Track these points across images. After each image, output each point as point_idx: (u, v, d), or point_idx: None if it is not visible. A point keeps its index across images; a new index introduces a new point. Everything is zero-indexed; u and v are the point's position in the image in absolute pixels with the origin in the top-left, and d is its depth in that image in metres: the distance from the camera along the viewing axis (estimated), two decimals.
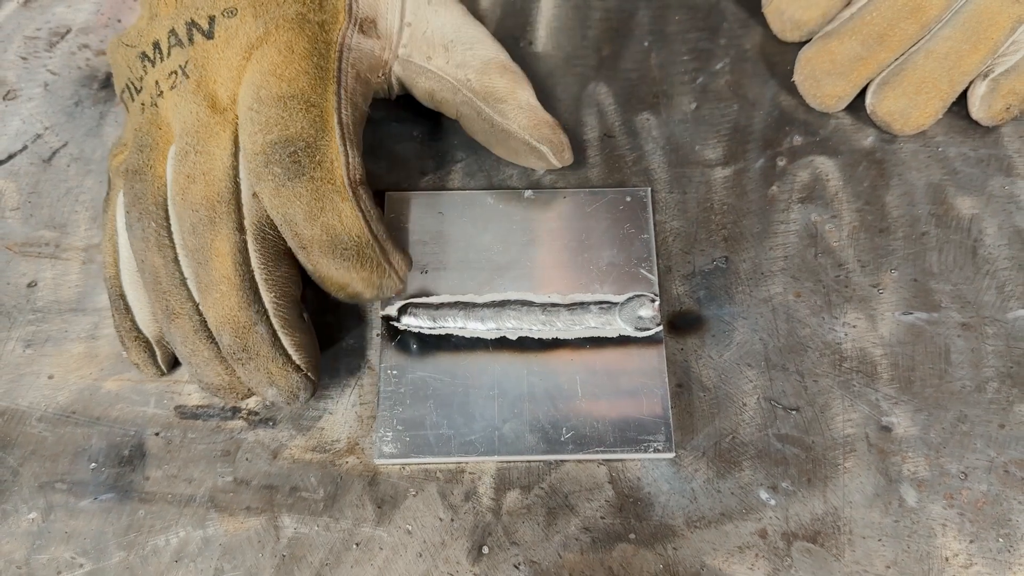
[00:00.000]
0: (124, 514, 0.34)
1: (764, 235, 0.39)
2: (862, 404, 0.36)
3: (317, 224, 0.33)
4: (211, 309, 0.33)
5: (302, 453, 0.35)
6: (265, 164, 0.33)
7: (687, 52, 0.44)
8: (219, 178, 0.34)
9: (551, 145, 0.38)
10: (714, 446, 0.35)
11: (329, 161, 0.34)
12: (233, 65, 0.35)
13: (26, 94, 0.44)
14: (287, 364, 0.33)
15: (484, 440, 0.35)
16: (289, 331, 0.33)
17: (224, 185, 0.33)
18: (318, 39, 0.35)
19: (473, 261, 0.38)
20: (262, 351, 0.33)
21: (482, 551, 0.33)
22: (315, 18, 0.36)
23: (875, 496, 0.34)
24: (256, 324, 0.33)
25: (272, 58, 0.34)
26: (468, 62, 0.38)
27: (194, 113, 0.34)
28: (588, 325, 0.36)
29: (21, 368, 0.37)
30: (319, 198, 0.33)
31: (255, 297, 0.33)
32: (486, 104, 0.38)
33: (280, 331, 0.33)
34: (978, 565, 0.33)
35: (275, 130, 0.33)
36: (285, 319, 0.33)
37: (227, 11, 0.35)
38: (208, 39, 0.35)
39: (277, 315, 0.33)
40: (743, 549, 0.33)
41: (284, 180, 0.33)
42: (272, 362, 0.33)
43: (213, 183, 0.33)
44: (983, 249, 0.38)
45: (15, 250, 0.40)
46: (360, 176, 0.35)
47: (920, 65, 0.39)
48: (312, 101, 0.34)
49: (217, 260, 0.33)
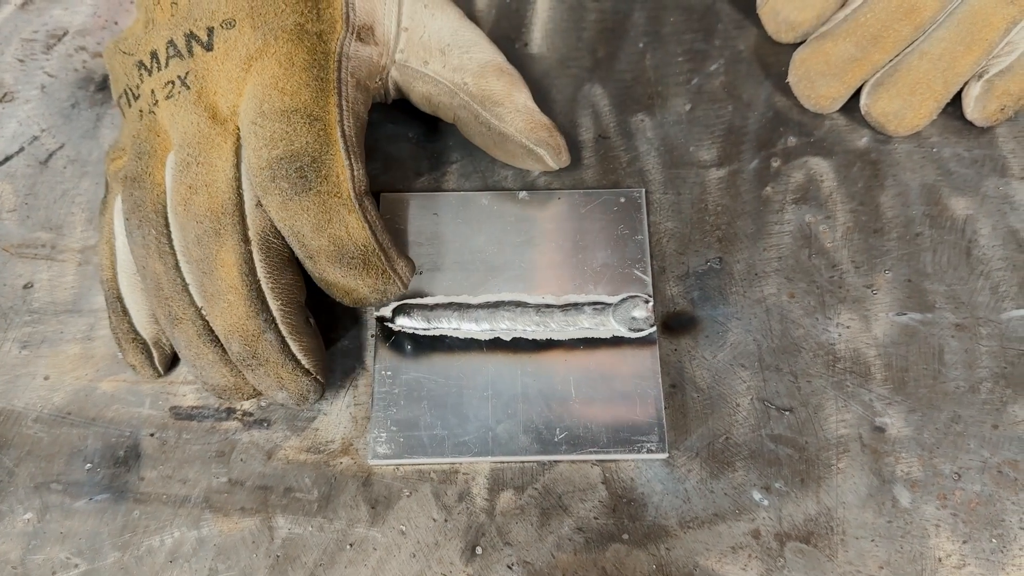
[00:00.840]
0: (119, 514, 0.34)
1: (758, 236, 0.39)
2: (856, 405, 0.36)
3: (324, 235, 0.33)
4: (219, 318, 0.33)
5: (296, 454, 0.35)
6: (272, 179, 0.33)
7: (682, 53, 0.44)
8: (222, 189, 0.34)
9: (548, 148, 0.38)
10: (707, 447, 0.35)
11: (335, 175, 0.34)
12: (233, 77, 0.35)
13: (23, 96, 0.44)
14: (297, 369, 0.34)
15: (478, 441, 0.35)
16: (297, 336, 0.34)
17: (228, 196, 0.34)
18: (317, 50, 0.35)
19: (467, 262, 0.38)
20: (272, 357, 0.33)
21: (476, 551, 0.33)
22: (313, 28, 0.36)
23: (868, 497, 0.34)
24: (265, 332, 0.33)
25: (273, 71, 0.35)
26: (465, 65, 0.38)
27: (195, 124, 0.34)
28: (582, 326, 0.36)
29: (17, 369, 0.37)
30: (326, 211, 0.33)
31: (263, 306, 0.33)
32: (483, 108, 0.38)
33: (288, 337, 0.34)
34: (971, 566, 0.33)
35: (280, 145, 0.34)
36: (292, 325, 0.34)
37: (225, 23, 0.35)
38: (207, 51, 0.35)
39: (285, 322, 0.34)
40: (736, 549, 0.33)
41: (291, 195, 0.33)
42: (282, 367, 0.33)
43: (216, 194, 0.34)
44: (977, 250, 0.39)
45: (11, 251, 0.40)
46: (364, 187, 0.35)
47: (914, 66, 0.39)
48: (315, 115, 0.34)
49: (223, 270, 0.33)
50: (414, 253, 0.38)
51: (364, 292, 0.34)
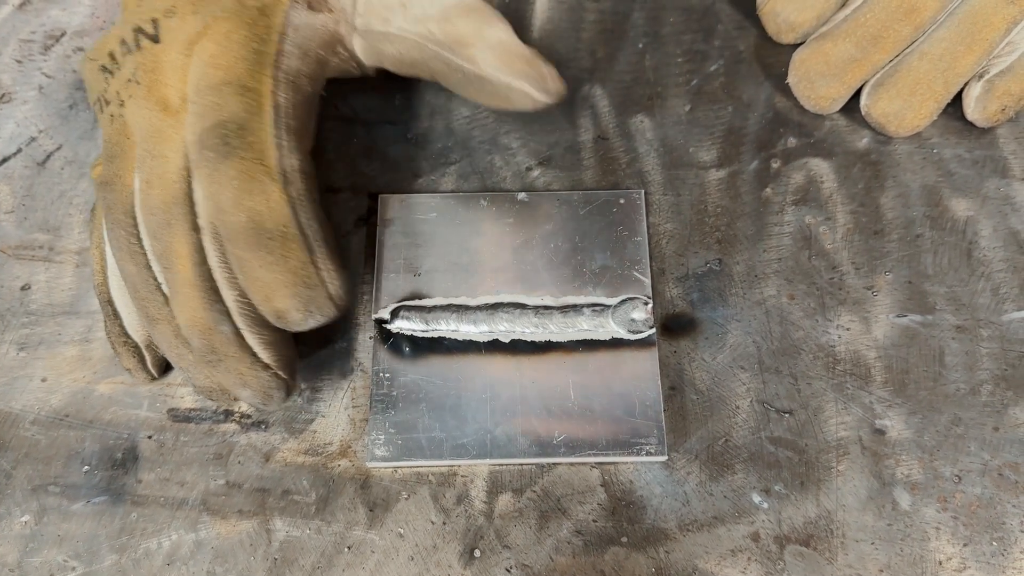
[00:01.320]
0: (117, 517, 0.34)
1: (758, 237, 0.39)
2: (856, 407, 0.35)
3: (243, 209, 0.32)
4: (180, 313, 0.32)
5: (294, 456, 0.35)
6: (200, 150, 0.33)
7: (681, 54, 0.44)
8: (173, 180, 0.33)
9: (530, 79, 0.36)
10: (707, 449, 0.35)
11: (260, 142, 0.33)
12: (178, 65, 0.34)
13: (20, 97, 0.44)
14: (255, 363, 0.32)
15: (476, 443, 0.35)
16: (256, 329, 0.33)
17: (178, 187, 0.33)
18: (257, 24, 0.35)
19: (466, 263, 0.38)
20: (229, 351, 0.32)
21: (474, 554, 0.33)
22: (254, 3, 0.35)
23: (868, 499, 0.34)
24: (220, 324, 0.32)
25: (211, 50, 0.34)
26: (427, 13, 0.36)
27: (147, 119, 0.34)
28: (581, 328, 0.36)
29: (14, 371, 0.37)
30: (248, 179, 0.32)
31: (215, 297, 0.32)
32: (453, 54, 0.36)
33: (246, 330, 0.32)
34: (972, 569, 0.33)
35: (210, 116, 0.33)
36: (250, 317, 0.32)
37: (167, 11, 0.35)
38: (155, 43, 0.35)
39: (241, 313, 0.32)
40: (736, 552, 0.33)
41: (216, 163, 0.32)
42: (240, 362, 0.32)
43: (168, 186, 0.33)
44: (978, 251, 0.38)
45: (9, 253, 0.40)
46: (298, 166, 0.34)
47: (915, 66, 0.39)
48: (248, 86, 0.34)
49: (179, 263, 0.32)
50: (413, 254, 0.38)
51: (283, 291, 0.32)
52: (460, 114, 0.42)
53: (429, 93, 0.43)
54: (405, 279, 0.38)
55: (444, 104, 0.43)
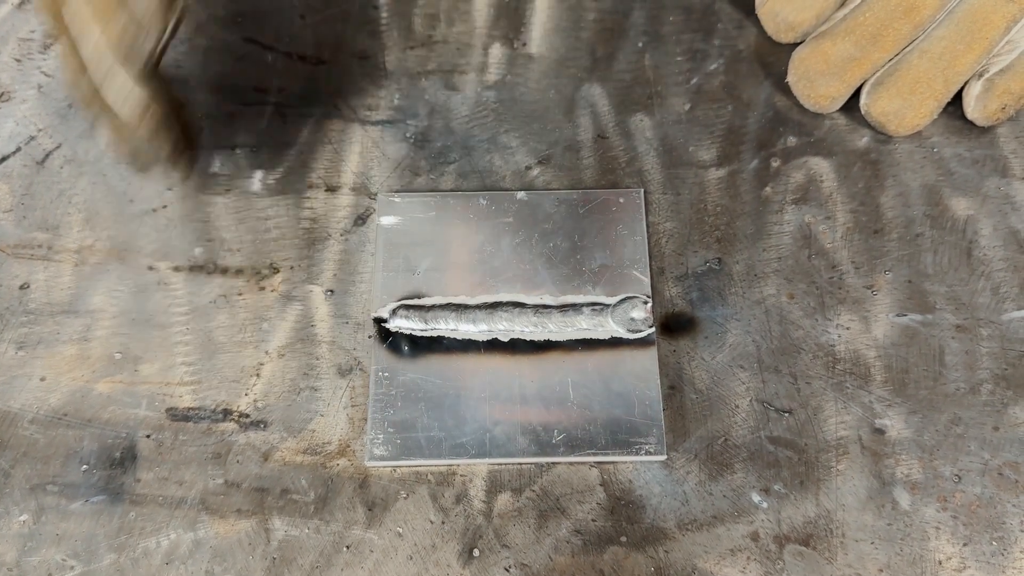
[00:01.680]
0: (115, 516, 0.34)
1: (758, 236, 0.39)
2: (855, 406, 0.35)
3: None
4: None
5: (293, 455, 0.35)
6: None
7: (681, 53, 0.44)
8: None
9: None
10: (706, 448, 0.35)
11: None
12: None
13: (20, 96, 0.44)
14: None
15: (475, 442, 0.34)
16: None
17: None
18: None
19: (465, 262, 0.38)
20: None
21: (473, 554, 0.33)
22: None
23: (868, 499, 0.34)
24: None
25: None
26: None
27: None
28: (580, 327, 0.36)
29: (13, 370, 0.37)
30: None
31: None
32: None
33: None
34: (971, 568, 0.32)
35: None
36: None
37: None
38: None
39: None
40: (735, 552, 0.33)
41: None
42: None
43: None
44: (978, 250, 0.38)
45: (8, 252, 0.40)
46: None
47: (914, 65, 0.39)
48: None
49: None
50: (413, 253, 0.38)
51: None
52: (459, 113, 0.42)
53: (429, 93, 0.43)
54: (404, 278, 0.38)
55: (444, 103, 0.43)
